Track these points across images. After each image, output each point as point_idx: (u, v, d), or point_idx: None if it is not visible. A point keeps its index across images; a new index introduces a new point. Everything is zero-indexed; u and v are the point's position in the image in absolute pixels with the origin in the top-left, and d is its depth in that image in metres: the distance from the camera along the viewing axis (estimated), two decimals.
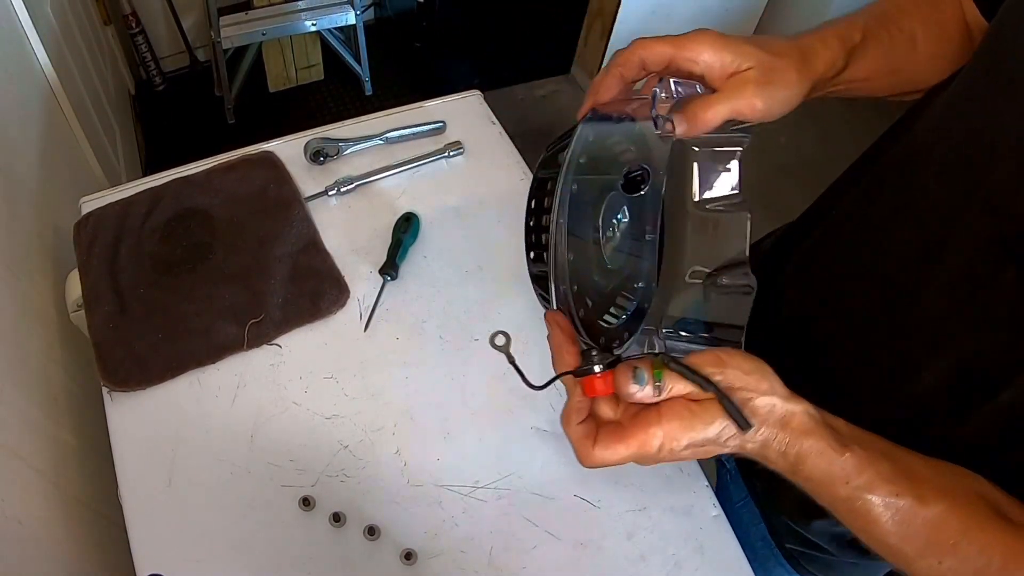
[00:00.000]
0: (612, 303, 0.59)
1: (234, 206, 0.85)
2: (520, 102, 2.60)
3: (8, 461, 0.68)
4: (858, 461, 0.45)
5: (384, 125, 0.96)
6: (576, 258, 0.57)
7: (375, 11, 2.67)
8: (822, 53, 0.56)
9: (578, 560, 0.67)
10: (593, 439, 0.48)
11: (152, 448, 0.69)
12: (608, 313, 0.59)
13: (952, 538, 0.45)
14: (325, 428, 0.72)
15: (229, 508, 0.67)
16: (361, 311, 0.80)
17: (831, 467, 0.45)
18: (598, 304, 0.58)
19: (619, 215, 0.56)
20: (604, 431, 0.48)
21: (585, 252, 0.57)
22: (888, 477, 0.45)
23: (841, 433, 0.46)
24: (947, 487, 0.46)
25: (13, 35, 1.18)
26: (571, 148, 0.58)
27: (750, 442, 0.46)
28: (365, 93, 2.50)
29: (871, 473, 0.45)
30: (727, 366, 0.46)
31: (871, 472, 0.45)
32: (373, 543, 0.66)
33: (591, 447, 0.47)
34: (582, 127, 0.58)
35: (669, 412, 0.46)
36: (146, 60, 2.34)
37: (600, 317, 0.58)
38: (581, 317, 0.57)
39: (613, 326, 0.58)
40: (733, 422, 0.45)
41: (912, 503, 0.45)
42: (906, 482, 0.45)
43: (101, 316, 0.76)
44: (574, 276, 0.57)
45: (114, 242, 0.81)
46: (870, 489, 0.45)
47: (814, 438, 0.45)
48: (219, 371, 0.75)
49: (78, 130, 1.41)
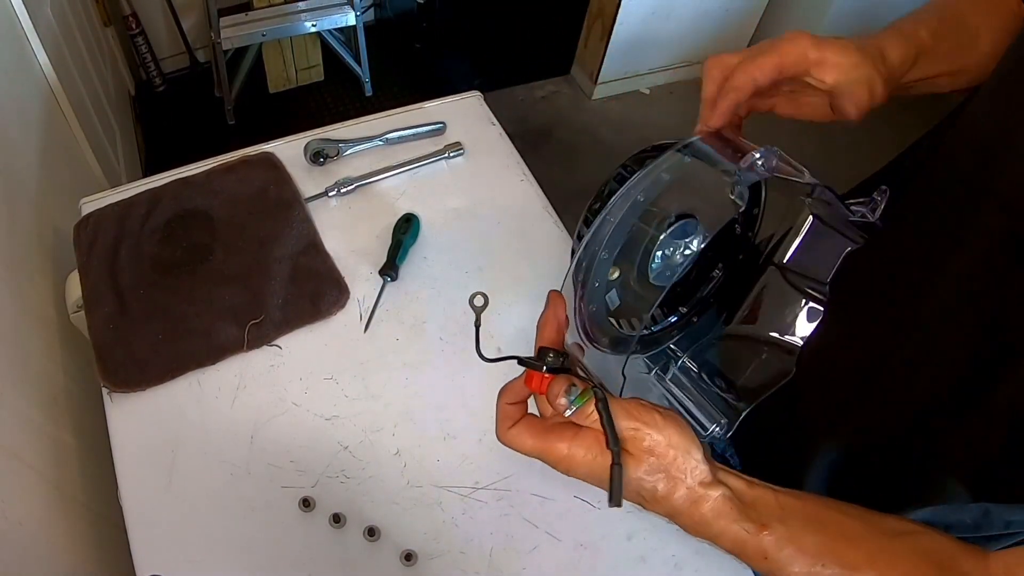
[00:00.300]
0: (634, 312, 0.59)
1: (234, 207, 0.85)
2: (520, 103, 2.60)
3: (8, 462, 0.68)
4: (776, 539, 0.47)
5: (384, 126, 0.96)
6: (620, 253, 0.57)
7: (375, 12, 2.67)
8: (893, 54, 0.57)
9: (578, 561, 0.67)
10: (514, 421, 0.51)
11: (152, 449, 0.69)
12: (626, 319, 0.59)
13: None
14: (325, 429, 0.72)
15: (229, 509, 0.67)
16: (361, 312, 0.80)
17: (744, 548, 0.48)
18: (621, 308, 0.58)
19: (688, 240, 0.56)
20: (526, 420, 0.51)
21: (631, 253, 0.56)
22: (811, 551, 0.47)
23: (762, 511, 0.48)
24: (881, 551, 0.47)
25: (13, 36, 1.18)
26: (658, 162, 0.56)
27: (652, 510, 0.49)
28: (365, 94, 2.50)
29: (791, 549, 0.47)
30: (658, 430, 0.47)
31: (791, 548, 0.47)
32: (373, 544, 0.66)
33: (509, 426, 0.51)
34: (677, 154, 0.56)
35: (581, 439, 0.48)
36: (146, 61, 2.34)
37: (614, 316, 0.58)
38: (589, 310, 0.57)
39: (623, 335, 0.58)
40: (608, 491, 0.47)
41: (839, 573, 0.46)
42: (831, 555, 0.47)
43: (101, 317, 0.76)
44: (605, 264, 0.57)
45: (114, 243, 0.81)
46: (790, 563, 0.47)
47: (724, 521, 0.47)
48: (219, 372, 0.75)
49: (78, 131, 1.41)
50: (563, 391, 0.47)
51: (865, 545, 0.48)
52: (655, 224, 0.54)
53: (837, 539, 0.48)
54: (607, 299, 0.57)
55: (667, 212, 0.54)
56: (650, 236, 0.54)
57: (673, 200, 0.54)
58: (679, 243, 0.56)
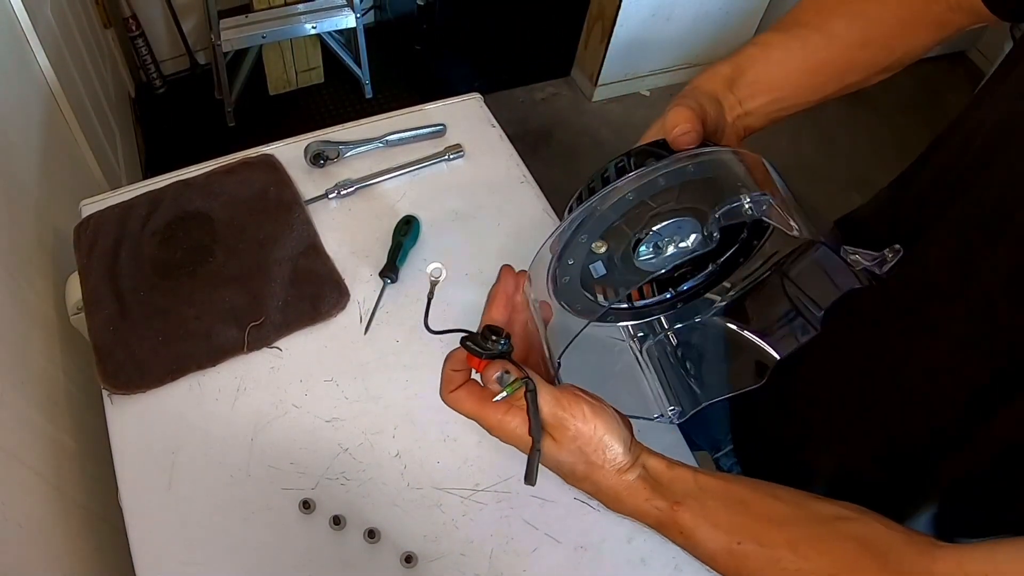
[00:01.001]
0: (614, 286, 0.59)
1: (234, 209, 0.85)
2: (520, 105, 2.60)
3: (8, 464, 0.68)
4: (691, 515, 0.49)
5: (384, 128, 0.96)
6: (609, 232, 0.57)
7: (375, 14, 2.67)
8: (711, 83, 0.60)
9: (578, 563, 0.67)
10: (456, 385, 0.53)
11: (152, 451, 0.69)
12: (611, 289, 0.59)
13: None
14: (325, 431, 0.72)
15: (229, 511, 0.67)
16: (361, 314, 0.80)
17: (662, 525, 0.50)
18: (605, 278, 0.58)
19: (683, 237, 0.56)
20: (467, 386, 0.53)
21: (619, 237, 0.56)
22: (727, 528, 0.49)
23: (676, 490, 0.50)
24: (807, 535, 0.48)
25: (13, 38, 1.18)
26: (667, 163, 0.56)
27: (574, 486, 0.53)
28: (365, 96, 2.50)
29: (706, 526, 0.49)
30: (584, 421, 0.50)
31: (706, 525, 0.49)
32: (373, 546, 0.66)
33: (451, 390, 0.53)
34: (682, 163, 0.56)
35: (513, 413, 0.51)
36: (146, 63, 2.34)
37: (587, 288, 0.58)
38: (563, 280, 0.57)
39: (597, 304, 0.59)
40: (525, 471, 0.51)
41: (756, 550, 0.48)
42: (748, 533, 0.48)
43: (101, 319, 0.76)
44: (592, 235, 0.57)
45: (114, 245, 0.81)
46: (705, 540, 0.49)
47: (636, 500, 0.51)
48: (219, 374, 0.75)
49: (78, 133, 1.41)
50: (495, 377, 0.50)
51: (789, 527, 0.48)
52: (645, 220, 0.54)
53: (759, 519, 0.49)
54: (592, 268, 0.57)
55: (661, 210, 0.54)
56: (638, 230, 0.55)
57: (670, 199, 0.54)
58: (673, 237, 0.56)
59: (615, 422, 0.51)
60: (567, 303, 0.59)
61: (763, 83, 0.61)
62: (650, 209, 0.54)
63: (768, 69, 0.62)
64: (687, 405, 0.68)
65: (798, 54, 0.62)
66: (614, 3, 2.28)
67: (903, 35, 0.62)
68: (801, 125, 2.62)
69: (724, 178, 0.54)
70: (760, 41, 0.63)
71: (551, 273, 0.57)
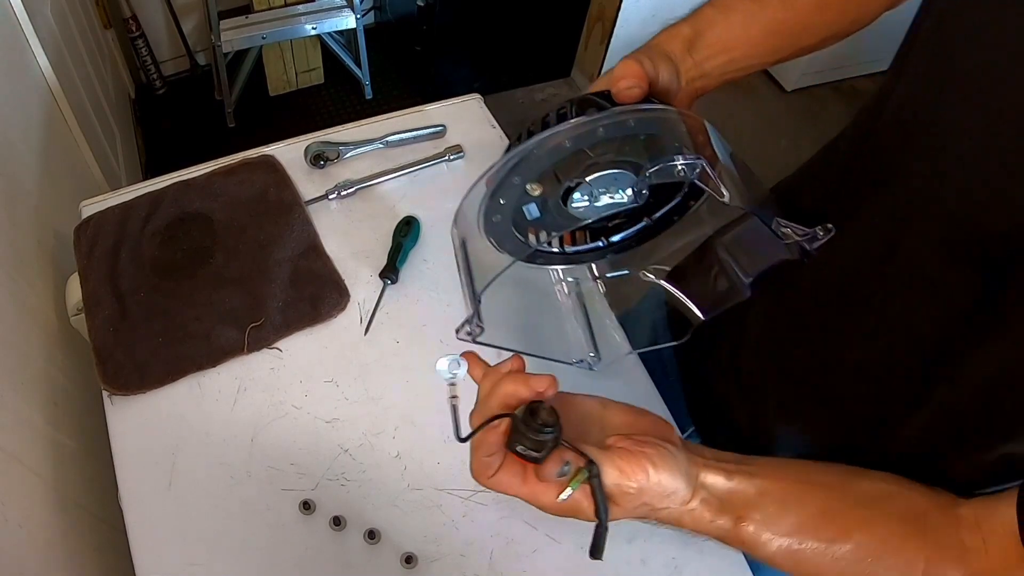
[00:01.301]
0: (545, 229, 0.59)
1: (234, 210, 0.85)
2: (520, 106, 2.60)
3: (8, 465, 0.68)
4: (754, 528, 0.50)
5: (384, 129, 0.96)
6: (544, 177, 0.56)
7: (375, 15, 2.68)
8: (670, 44, 0.61)
9: (578, 564, 0.67)
10: (495, 470, 0.51)
11: (152, 452, 0.69)
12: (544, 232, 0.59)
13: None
14: (325, 432, 0.72)
15: (229, 512, 0.67)
16: (361, 315, 0.80)
17: (725, 539, 0.52)
18: (538, 221, 0.58)
19: (620, 189, 0.56)
20: (509, 467, 0.51)
21: (554, 184, 0.56)
22: (788, 532, 0.50)
23: (738, 503, 0.51)
24: (858, 522, 0.50)
25: (13, 39, 1.18)
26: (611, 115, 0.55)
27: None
28: (365, 97, 2.50)
29: (768, 534, 0.50)
30: (648, 480, 0.48)
31: (768, 533, 0.50)
32: (373, 547, 0.66)
33: (490, 475, 0.51)
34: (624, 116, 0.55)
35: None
36: (146, 64, 2.35)
37: (519, 229, 0.58)
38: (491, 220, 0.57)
39: (525, 245, 0.59)
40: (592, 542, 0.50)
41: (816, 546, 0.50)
42: (809, 532, 0.50)
43: (101, 320, 0.76)
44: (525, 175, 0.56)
45: (114, 246, 0.81)
46: (768, 545, 0.51)
47: (702, 525, 0.51)
48: (219, 375, 0.75)
49: (78, 134, 1.41)
50: (559, 466, 0.47)
51: (842, 519, 0.51)
52: (582, 169, 0.54)
53: (815, 516, 0.51)
54: (526, 209, 0.57)
55: (598, 161, 0.54)
56: (572, 177, 0.54)
57: (609, 151, 0.54)
58: (609, 188, 0.56)
59: (675, 461, 0.50)
60: (496, 241, 0.59)
61: (721, 45, 0.62)
62: (588, 159, 0.54)
63: (728, 31, 0.62)
64: (608, 354, 0.69)
65: (757, 16, 0.63)
66: (614, 4, 2.28)
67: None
68: (801, 125, 2.62)
69: (663, 137, 0.54)
70: (719, 3, 0.63)
71: (483, 209, 0.56)
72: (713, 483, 0.51)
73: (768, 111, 2.67)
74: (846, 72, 2.72)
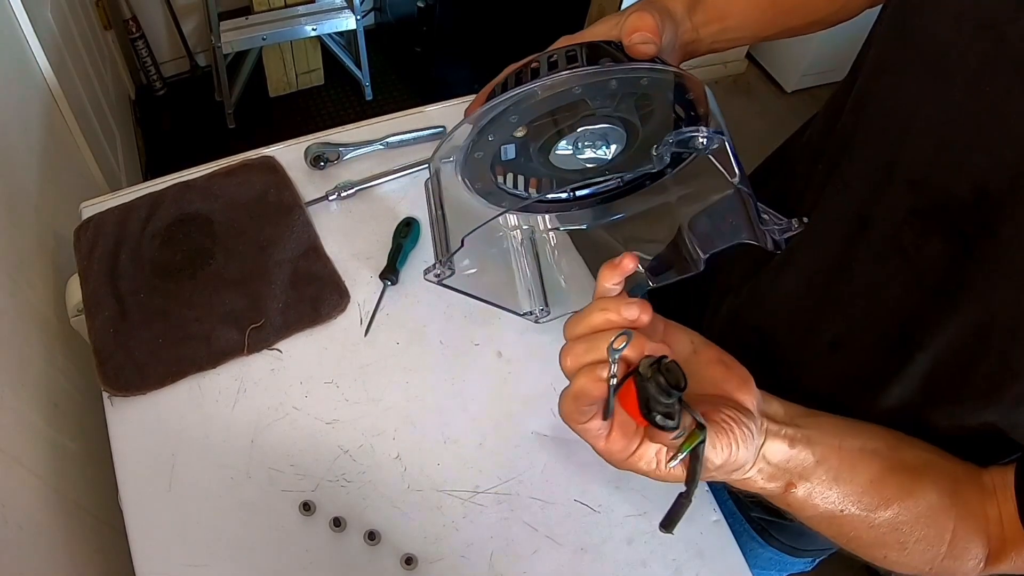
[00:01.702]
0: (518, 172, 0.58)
1: (234, 211, 0.85)
2: None
3: (8, 466, 0.68)
4: (801, 496, 0.51)
5: (384, 130, 0.96)
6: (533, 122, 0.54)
7: (375, 16, 2.68)
8: (673, 2, 0.60)
9: (579, 565, 0.67)
10: (606, 433, 0.46)
11: (152, 453, 0.69)
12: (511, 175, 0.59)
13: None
14: (325, 433, 0.72)
15: (229, 513, 0.67)
16: (362, 316, 0.80)
17: (771, 497, 0.52)
18: (511, 163, 0.57)
19: (604, 144, 0.55)
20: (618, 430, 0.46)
21: (543, 128, 0.54)
22: (833, 501, 0.51)
23: (794, 471, 0.51)
24: (901, 490, 0.51)
25: (13, 40, 1.18)
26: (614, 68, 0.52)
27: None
28: (365, 98, 2.50)
29: (811, 504, 0.51)
30: (730, 453, 0.46)
31: (812, 503, 0.51)
32: (373, 548, 0.66)
33: (586, 417, 0.45)
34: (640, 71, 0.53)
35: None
36: (146, 65, 2.35)
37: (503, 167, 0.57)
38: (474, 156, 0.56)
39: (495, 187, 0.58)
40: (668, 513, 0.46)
41: (858, 514, 0.51)
42: (853, 500, 0.51)
43: (101, 321, 0.76)
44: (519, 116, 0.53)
45: (114, 247, 0.81)
46: (810, 512, 0.52)
47: (753, 486, 0.51)
48: (219, 376, 0.75)
49: (78, 135, 1.41)
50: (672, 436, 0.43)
51: (886, 488, 0.51)
52: (578, 118, 0.52)
53: (863, 485, 0.51)
54: (502, 149, 0.55)
55: (596, 112, 0.52)
56: (566, 125, 0.52)
57: (609, 104, 0.52)
58: (596, 142, 0.54)
59: (752, 441, 0.47)
60: (468, 179, 0.57)
61: (718, 12, 0.62)
62: (587, 108, 0.52)
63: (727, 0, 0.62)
64: (556, 308, 0.68)
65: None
66: (614, 5, 2.28)
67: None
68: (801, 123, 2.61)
69: (670, 101, 0.53)
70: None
71: (467, 143, 0.54)
72: (774, 453, 0.50)
73: (768, 112, 2.67)
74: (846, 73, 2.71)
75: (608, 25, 0.57)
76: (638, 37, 0.52)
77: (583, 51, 0.53)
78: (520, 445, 0.73)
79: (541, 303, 0.70)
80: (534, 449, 0.73)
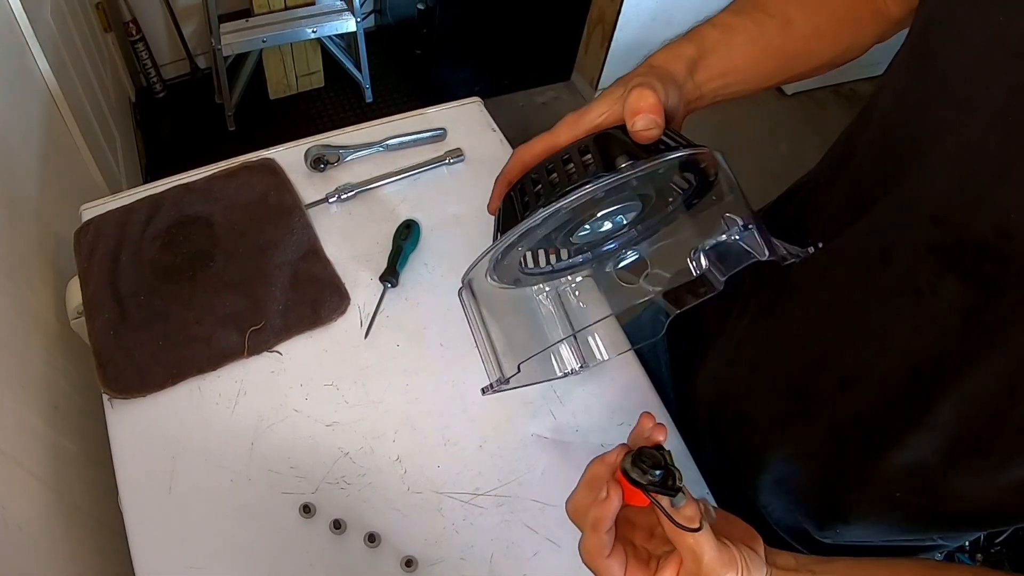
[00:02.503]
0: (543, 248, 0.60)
1: (234, 213, 0.86)
2: (520, 109, 2.60)
3: (8, 468, 0.68)
4: None
5: (384, 132, 0.96)
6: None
7: (375, 18, 2.68)
8: (675, 65, 0.59)
9: (579, 567, 0.67)
10: (608, 551, 0.50)
11: (153, 455, 0.69)
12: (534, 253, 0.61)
13: None
14: (325, 435, 0.72)
15: (229, 515, 0.67)
16: (362, 318, 0.80)
17: None
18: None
19: (621, 215, 0.56)
20: (618, 551, 0.51)
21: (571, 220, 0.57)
22: None
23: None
24: None
25: (13, 42, 1.19)
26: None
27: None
28: (365, 100, 2.51)
29: None
30: (740, 570, 0.48)
31: None
32: (373, 550, 0.66)
33: (606, 556, 0.50)
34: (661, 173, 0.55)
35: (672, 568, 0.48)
36: (146, 67, 2.35)
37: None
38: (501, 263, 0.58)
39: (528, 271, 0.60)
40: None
41: None
42: None
43: (101, 323, 0.76)
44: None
45: (114, 249, 0.81)
46: None
47: None
48: (219, 378, 0.75)
49: (78, 137, 1.41)
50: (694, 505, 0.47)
51: None
52: (598, 208, 0.54)
53: None
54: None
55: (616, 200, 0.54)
56: (587, 214, 0.54)
57: (627, 190, 0.54)
58: (614, 217, 0.56)
59: (759, 571, 0.49)
60: (498, 278, 0.60)
61: (721, 67, 0.61)
62: (604, 198, 0.54)
63: (729, 54, 0.61)
64: (590, 358, 0.71)
65: (758, 41, 0.62)
66: (614, 7, 2.28)
67: (851, 26, 0.63)
68: (801, 130, 2.62)
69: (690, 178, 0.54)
70: (720, 23, 0.62)
71: (494, 256, 0.57)
72: (783, 563, 0.50)
73: (768, 115, 2.68)
74: (846, 75, 2.72)
75: (610, 101, 0.55)
76: (640, 123, 0.52)
77: (597, 151, 0.54)
78: (520, 447, 0.73)
79: (580, 359, 0.71)
80: (534, 451, 0.73)
